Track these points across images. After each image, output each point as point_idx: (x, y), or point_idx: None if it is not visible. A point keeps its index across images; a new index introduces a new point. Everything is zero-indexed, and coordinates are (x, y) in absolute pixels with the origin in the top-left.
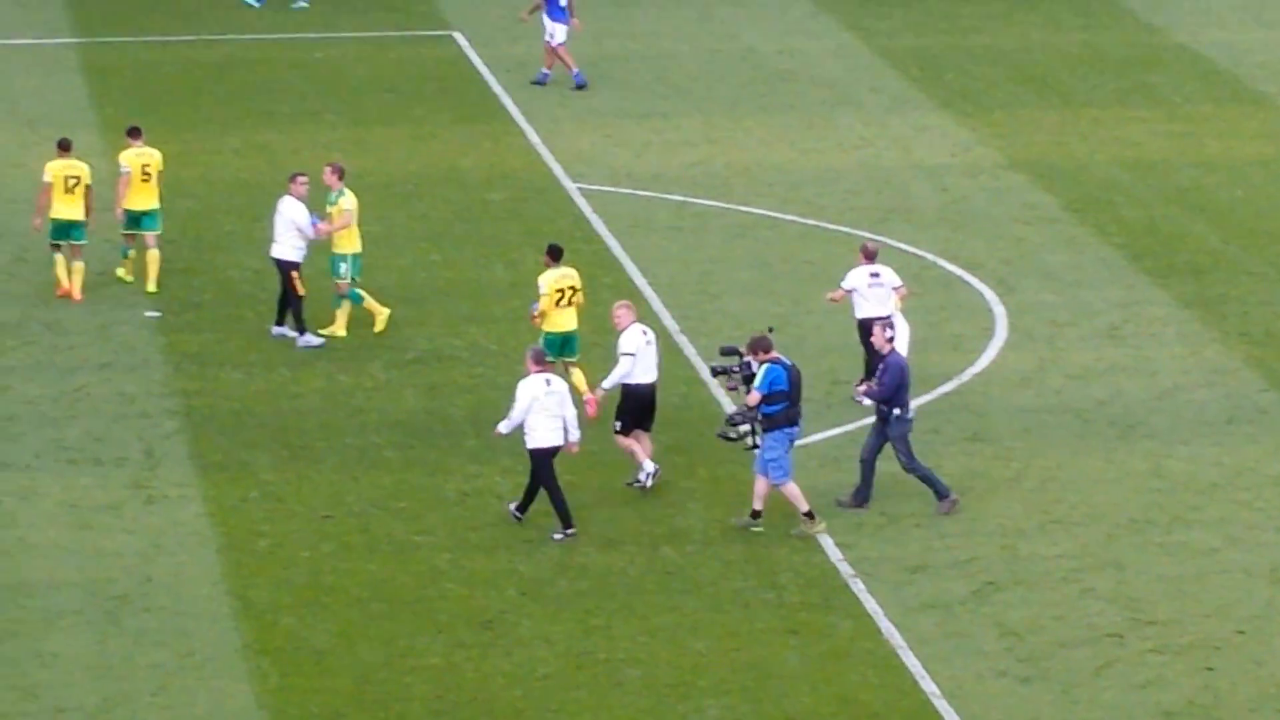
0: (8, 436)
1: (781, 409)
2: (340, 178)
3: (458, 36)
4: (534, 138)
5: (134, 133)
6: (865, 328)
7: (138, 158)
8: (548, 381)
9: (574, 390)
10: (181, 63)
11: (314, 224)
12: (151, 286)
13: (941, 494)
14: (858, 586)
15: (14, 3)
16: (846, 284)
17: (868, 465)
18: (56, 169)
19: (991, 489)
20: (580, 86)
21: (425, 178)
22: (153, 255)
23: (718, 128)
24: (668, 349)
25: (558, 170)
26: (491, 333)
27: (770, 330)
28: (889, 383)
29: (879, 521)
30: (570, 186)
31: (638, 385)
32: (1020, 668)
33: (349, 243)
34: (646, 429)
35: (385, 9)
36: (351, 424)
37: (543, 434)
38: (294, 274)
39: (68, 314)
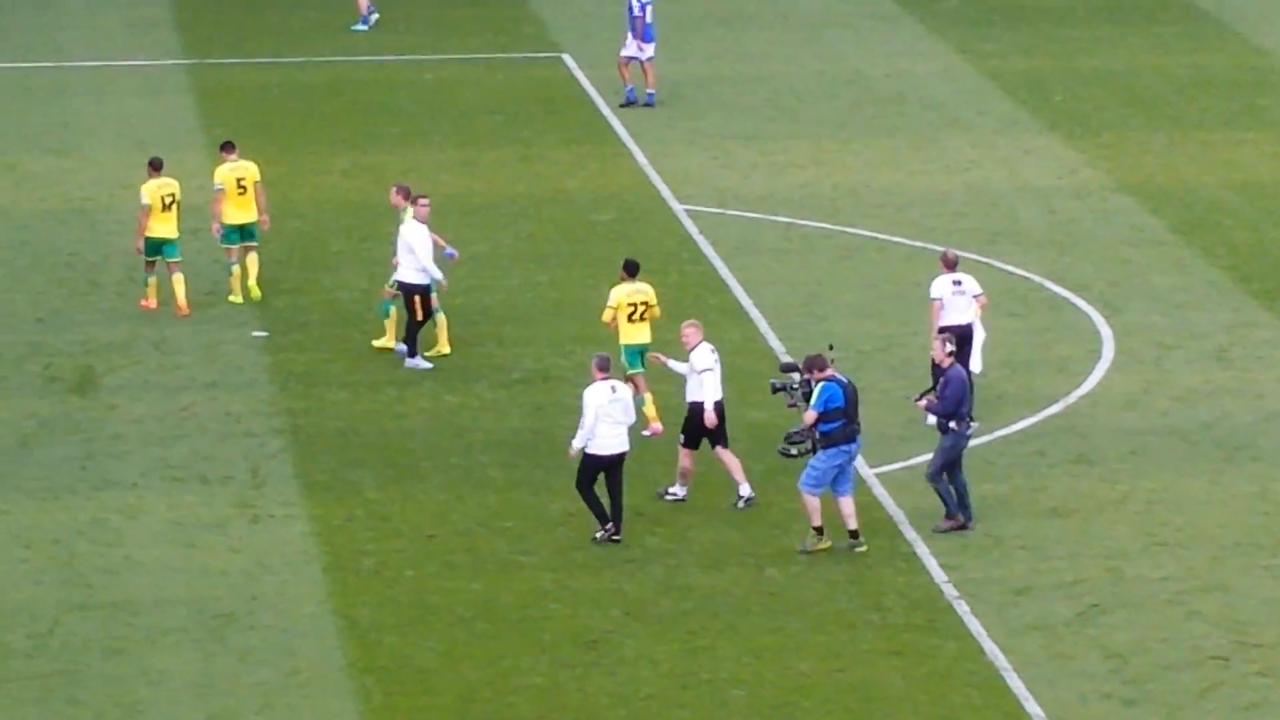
0: (114, 455)
1: (838, 426)
2: (405, 198)
3: (566, 58)
4: (641, 159)
5: (227, 147)
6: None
7: (232, 172)
8: (613, 389)
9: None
10: (291, 84)
11: (449, 254)
12: (255, 293)
13: (949, 514)
14: (962, 608)
15: (125, 24)
16: (934, 294)
17: (942, 484)
18: (152, 189)
19: (1097, 511)
20: (629, 104)
21: (532, 199)
22: (252, 259)
23: (825, 149)
24: (772, 371)
25: (665, 191)
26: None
27: (830, 348)
28: (951, 396)
29: (984, 543)
30: (677, 208)
31: (698, 402)
32: (1125, 690)
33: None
34: (717, 444)
35: (495, 31)
36: (457, 444)
37: (604, 440)
38: (415, 298)
39: (175, 333)
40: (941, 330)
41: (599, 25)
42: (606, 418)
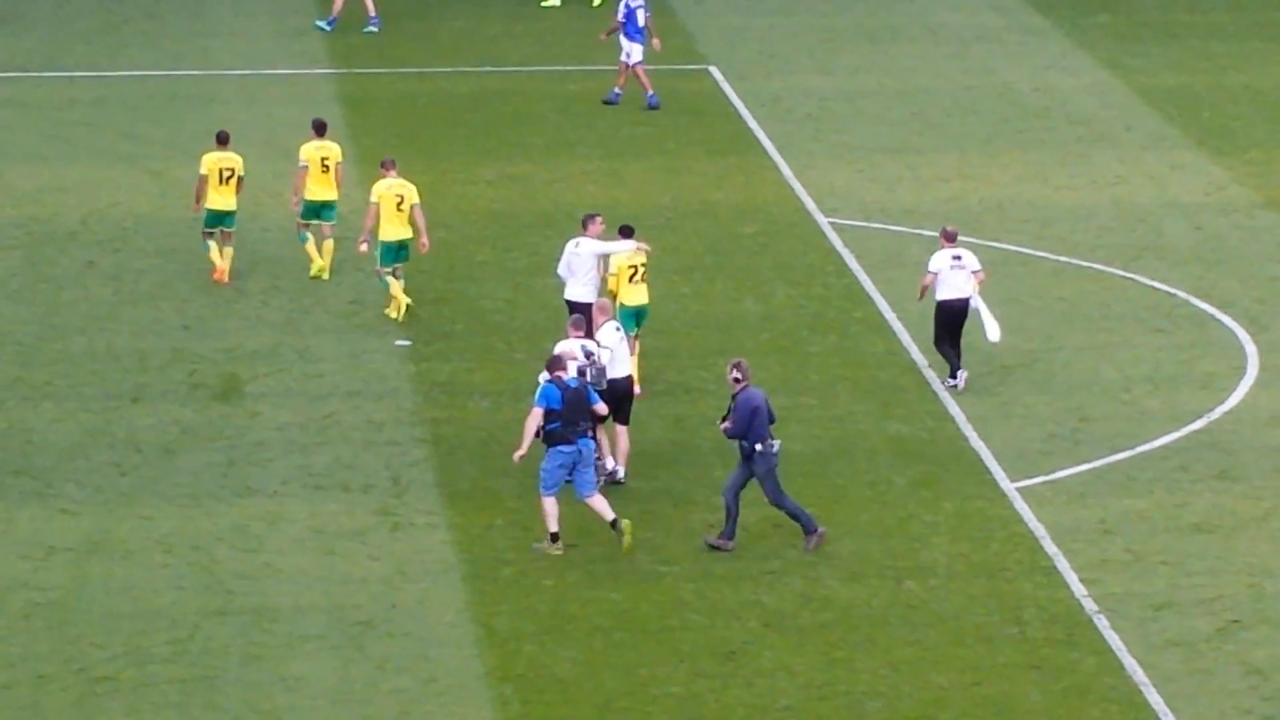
0: (257, 462)
1: (557, 427)
2: (387, 169)
3: (713, 70)
4: (787, 171)
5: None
6: (946, 309)
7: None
8: (584, 349)
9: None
10: (438, 94)
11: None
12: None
13: (808, 529)
14: (1101, 623)
15: (274, 33)
16: (931, 267)
17: (731, 499)
18: (211, 161)
19: (1239, 527)
20: (653, 108)
21: (678, 210)
22: (327, 245)
23: (971, 163)
24: (915, 384)
25: (810, 204)
26: None
27: (596, 345)
28: (740, 418)
29: (1124, 559)
30: (822, 221)
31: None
32: (1265, 706)
33: (385, 231)
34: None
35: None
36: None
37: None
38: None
39: (319, 341)
40: (939, 304)
41: (746, 37)
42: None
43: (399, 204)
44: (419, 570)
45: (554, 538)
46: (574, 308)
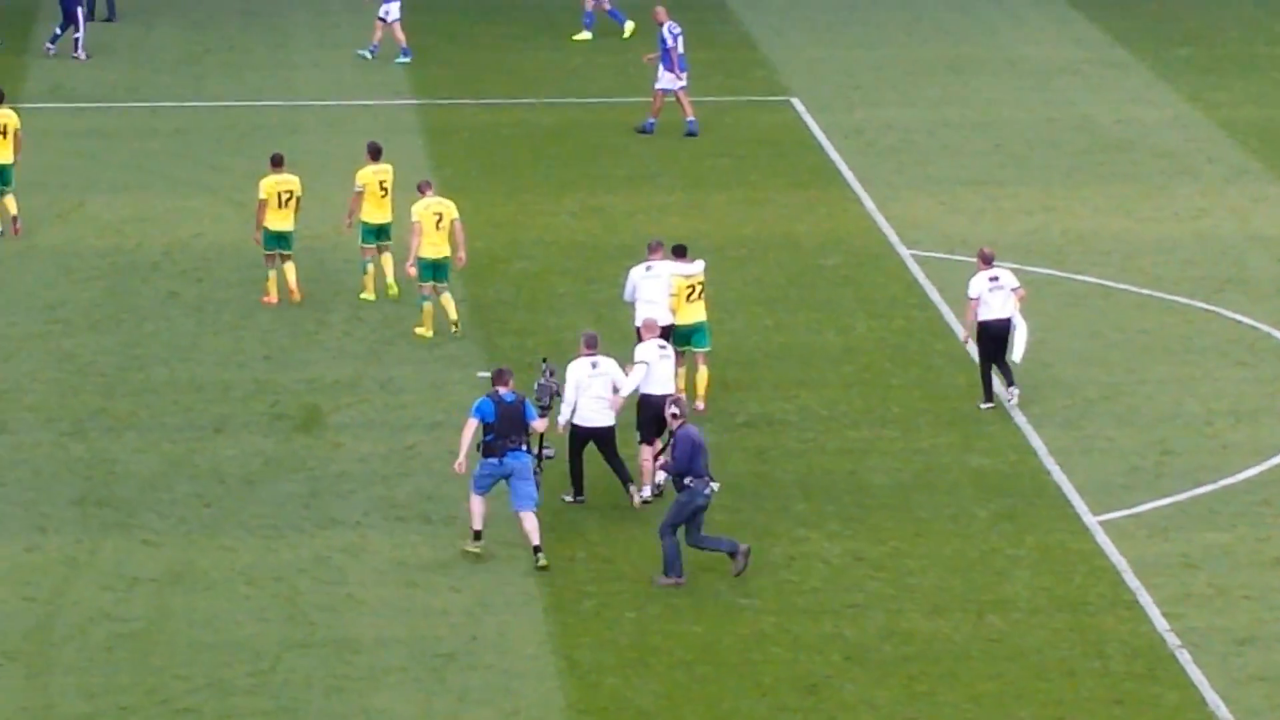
0: (339, 493)
1: (490, 439)
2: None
3: (796, 102)
4: (869, 204)
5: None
6: (986, 330)
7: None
8: (594, 365)
9: (693, 383)
10: (520, 125)
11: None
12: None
13: (668, 571)
14: (1184, 657)
15: (355, 64)
16: (972, 292)
17: (669, 540)
18: (270, 184)
19: None
20: (644, 132)
21: (760, 242)
22: (387, 259)
23: (1054, 196)
24: (997, 416)
25: (892, 236)
26: (823, 398)
27: (545, 360)
28: (680, 455)
29: (1207, 593)
30: (904, 253)
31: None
32: None
33: (423, 249)
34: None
35: (725, 74)
36: None
37: (586, 414)
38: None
39: (401, 372)
40: (980, 324)
41: (829, 70)
42: (587, 391)
43: (438, 222)
44: (501, 602)
45: (476, 535)
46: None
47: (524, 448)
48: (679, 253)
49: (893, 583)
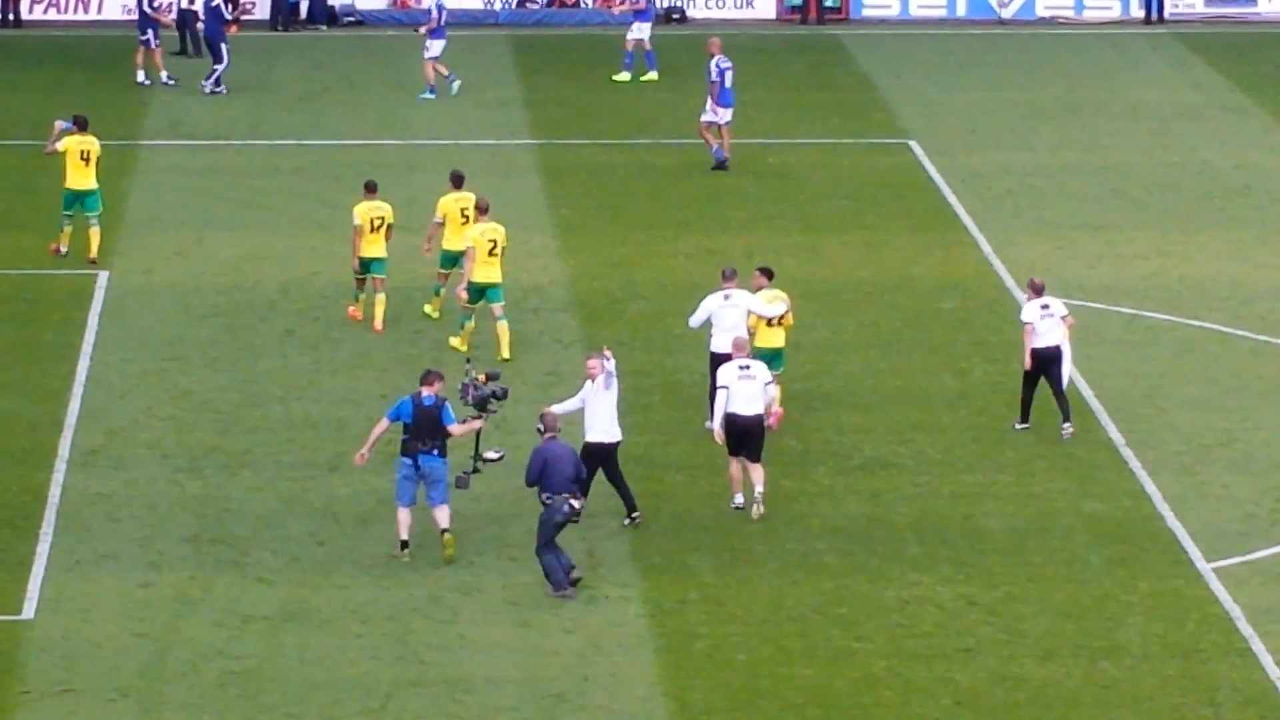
0: (453, 533)
1: (405, 439)
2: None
3: (914, 145)
4: (986, 247)
5: (458, 179)
6: (1036, 357)
7: (456, 203)
8: (608, 372)
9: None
10: (637, 166)
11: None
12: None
13: (557, 585)
14: None
15: (475, 104)
16: (1025, 317)
17: (545, 557)
18: (363, 210)
19: None
20: (720, 164)
21: (876, 285)
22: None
23: (1171, 241)
24: (1112, 462)
25: (1009, 281)
26: (938, 442)
27: (468, 361)
28: (530, 470)
29: None
30: (1021, 297)
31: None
32: None
33: (475, 273)
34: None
35: (843, 116)
36: (793, 529)
37: (598, 431)
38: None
39: (517, 412)
40: (1033, 352)
41: (947, 112)
42: (600, 404)
43: (491, 249)
44: (612, 643)
45: (402, 545)
46: (725, 358)
47: (437, 452)
48: (768, 274)
49: (1005, 628)
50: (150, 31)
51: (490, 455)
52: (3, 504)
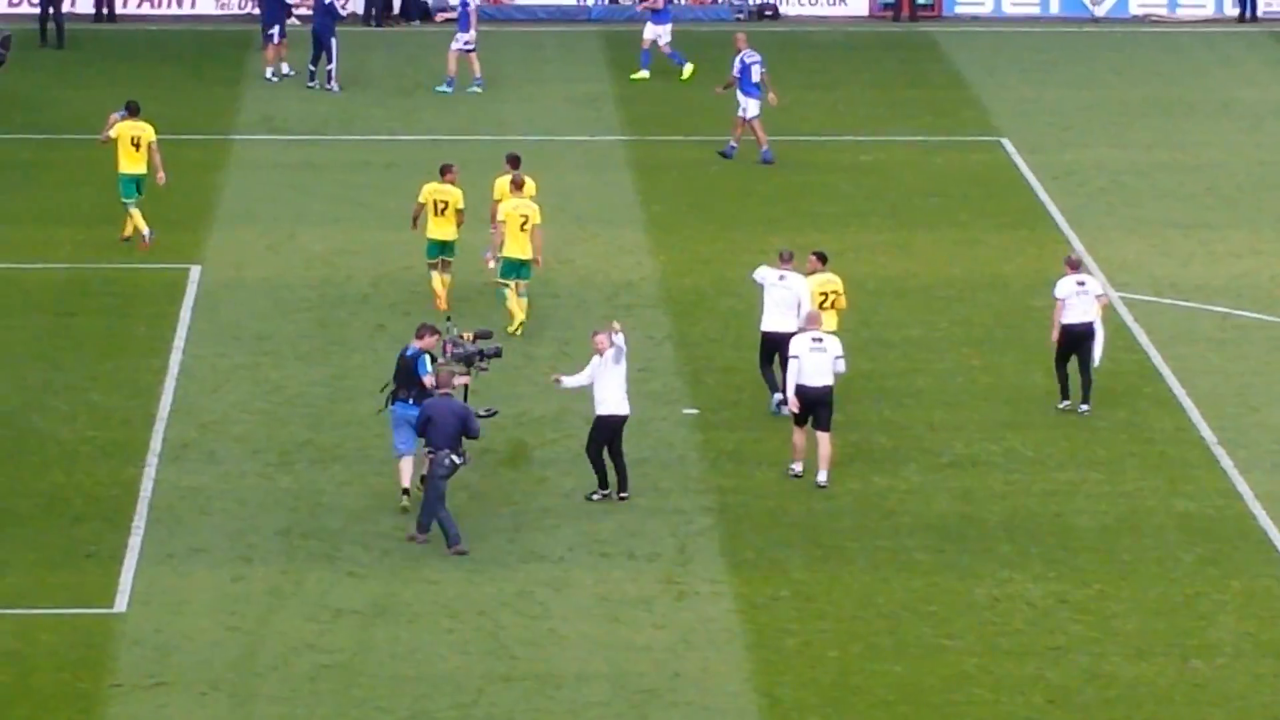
0: (543, 528)
1: (391, 389)
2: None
3: (1006, 143)
4: (1078, 245)
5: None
6: (1067, 332)
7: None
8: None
9: None
10: (729, 162)
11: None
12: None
13: (452, 541)
14: None
15: (566, 100)
16: (1058, 293)
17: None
18: (428, 192)
19: None
20: (766, 162)
21: (968, 282)
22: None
23: (1265, 239)
24: (1204, 460)
25: (1101, 278)
26: (1029, 439)
27: (449, 319)
28: (417, 424)
29: None
30: (1112, 295)
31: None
32: None
33: (507, 249)
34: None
35: (935, 114)
36: (884, 526)
37: (609, 403)
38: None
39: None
40: (1063, 327)
41: (1040, 110)
42: (610, 379)
43: (523, 224)
44: (703, 639)
45: (404, 492)
46: (774, 339)
47: (413, 402)
48: (822, 259)
49: (1096, 626)
50: (277, 28)
51: (480, 413)
52: (95, 498)
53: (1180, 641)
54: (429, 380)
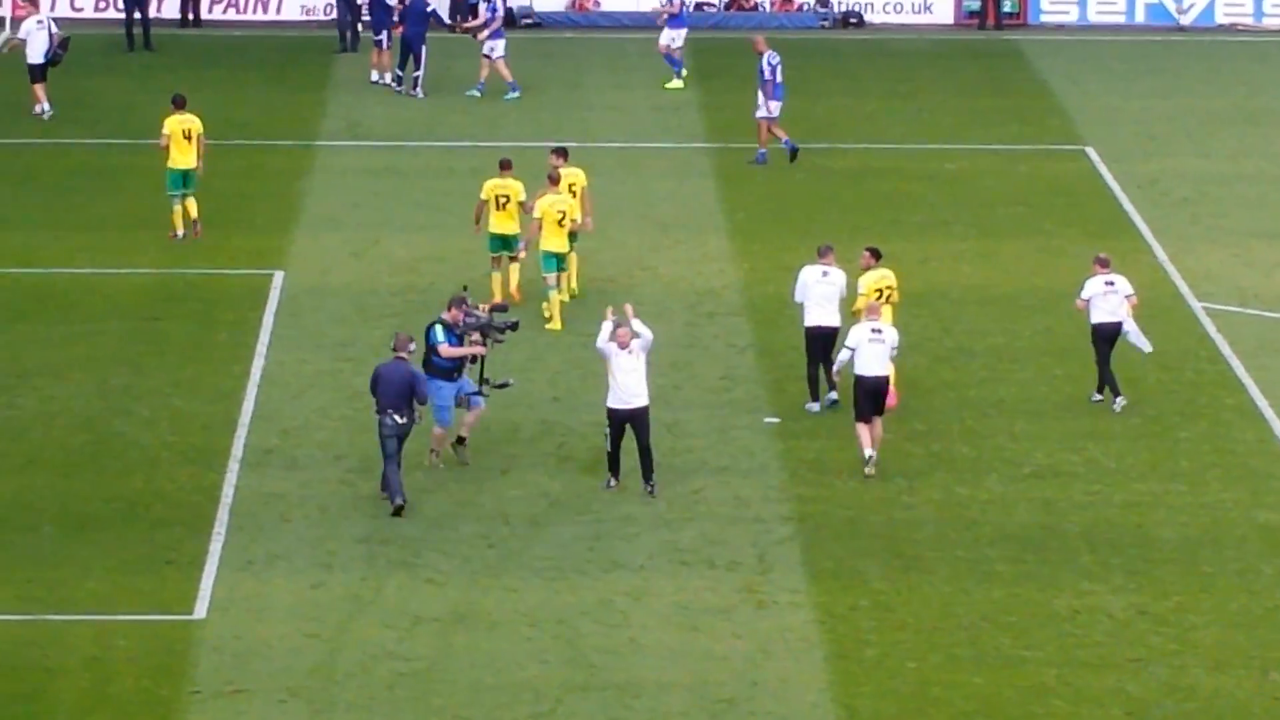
0: (624, 536)
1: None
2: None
3: (1090, 152)
4: (1161, 255)
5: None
6: (1099, 332)
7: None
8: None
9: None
10: (813, 169)
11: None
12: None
13: (392, 494)
14: None
15: (650, 107)
16: (1085, 293)
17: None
18: (490, 186)
19: None
20: (759, 163)
21: (1052, 292)
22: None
23: None
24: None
25: (1184, 288)
26: (1110, 450)
27: (464, 289)
28: (370, 384)
29: None
30: (1195, 305)
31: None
32: None
33: (547, 243)
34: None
35: (1020, 122)
36: (965, 536)
37: (623, 394)
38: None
39: (688, 416)
40: (1094, 326)
41: (1124, 119)
42: (624, 370)
43: (560, 220)
44: (782, 649)
45: (431, 453)
46: (820, 333)
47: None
48: (876, 254)
49: (1177, 638)
50: (385, 33)
51: (496, 383)
52: (176, 503)
53: (1261, 654)
54: (445, 349)
